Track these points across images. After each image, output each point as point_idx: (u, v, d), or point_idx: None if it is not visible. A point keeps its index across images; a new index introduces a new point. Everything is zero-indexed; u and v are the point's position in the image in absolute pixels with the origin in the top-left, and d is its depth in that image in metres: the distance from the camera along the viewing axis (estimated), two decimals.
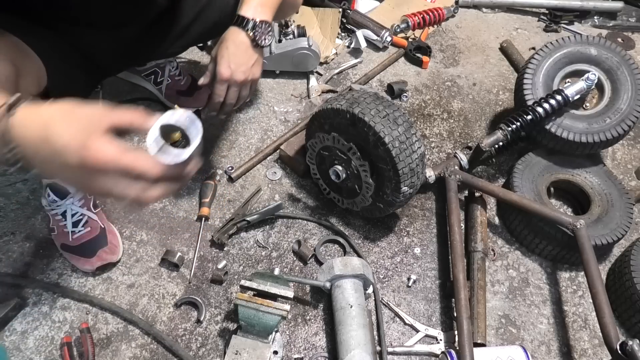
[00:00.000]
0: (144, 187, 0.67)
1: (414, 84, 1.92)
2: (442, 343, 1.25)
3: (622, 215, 1.41)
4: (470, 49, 2.11)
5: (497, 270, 1.42)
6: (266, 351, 1.15)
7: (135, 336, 1.22)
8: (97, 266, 1.29)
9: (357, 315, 1.17)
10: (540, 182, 1.49)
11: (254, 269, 1.36)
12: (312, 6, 2.07)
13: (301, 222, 1.47)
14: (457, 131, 1.78)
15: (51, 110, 0.65)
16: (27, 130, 0.64)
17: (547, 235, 1.38)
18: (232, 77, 1.19)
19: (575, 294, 1.39)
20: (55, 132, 0.63)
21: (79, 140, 0.63)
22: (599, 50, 1.53)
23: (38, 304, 1.26)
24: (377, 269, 1.39)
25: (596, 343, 1.30)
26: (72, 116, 0.65)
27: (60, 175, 0.69)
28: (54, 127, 0.63)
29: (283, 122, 1.73)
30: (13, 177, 1.49)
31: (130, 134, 0.68)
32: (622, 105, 1.48)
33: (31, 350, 1.19)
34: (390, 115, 1.24)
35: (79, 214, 1.30)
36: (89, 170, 0.64)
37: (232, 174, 1.54)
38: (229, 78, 1.19)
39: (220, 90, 1.21)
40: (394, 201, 1.31)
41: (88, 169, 0.64)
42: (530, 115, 1.45)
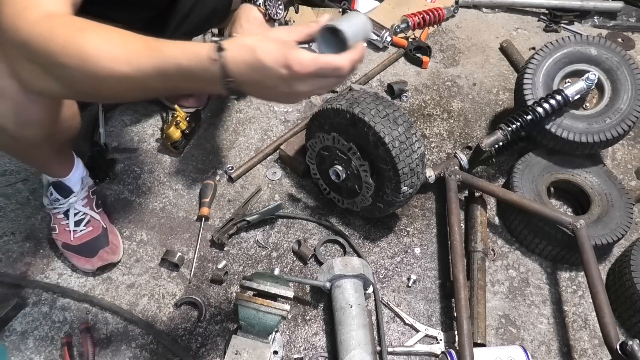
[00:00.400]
0: (337, 81, 0.82)
1: (414, 84, 1.92)
2: (442, 343, 1.25)
3: (622, 215, 1.41)
4: (470, 49, 2.11)
5: (497, 270, 1.42)
6: (266, 351, 1.15)
7: (135, 336, 1.22)
8: (97, 266, 1.29)
9: (357, 315, 1.17)
10: (540, 182, 1.49)
11: (254, 269, 1.36)
12: (312, 6, 2.07)
13: (301, 222, 1.47)
14: (457, 131, 1.78)
15: (249, 41, 0.75)
16: (238, 63, 0.74)
17: (547, 235, 1.38)
18: None
19: (575, 294, 1.39)
20: (261, 57, 0.73)
21: (281, 56, 0.73)
22: (599, 50, 1.53)
23: (38, 304, 1.26)
24: (377, 269, 1.39)
25: (596, 343, 1.30)
26: (267, 41, 0.75)
27: (270, 92, 0.79)
28: (259, 54, 0.74)
29: (283, 122, 1.73)
30: (13, 177, 1.49)
31: None
32: (622, 105, 1.48)
33: (31, 350, 1.19)
34: (390, 115, 1.24)
35: (81, 213, 1.30)
36: (295, 78, 0.75)
37: (232, 174, 1.54)
38: None
39: None
40: (394, 201, 1.31)
41: (294, 77, 0.74)
42: (530, 115, 1.45)
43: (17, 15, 0.76)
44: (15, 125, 0.95)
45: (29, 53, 0.78)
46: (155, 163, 1.57)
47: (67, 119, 1.04)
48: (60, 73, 0.79)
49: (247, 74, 0.75)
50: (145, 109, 1.70)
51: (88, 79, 0.78)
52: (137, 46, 0.77)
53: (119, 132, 1.64)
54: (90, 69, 0.76)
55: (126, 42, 0.77)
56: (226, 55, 0.74)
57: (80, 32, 0.76)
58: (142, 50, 0.76)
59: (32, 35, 0.75)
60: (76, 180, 1.28)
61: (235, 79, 0.76)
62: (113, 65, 0.75)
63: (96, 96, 0.89)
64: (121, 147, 1.59)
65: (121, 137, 1.63)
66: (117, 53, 0.75)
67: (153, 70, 0.76)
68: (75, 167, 1.28)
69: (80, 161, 1.31)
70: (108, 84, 0.79)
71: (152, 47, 0.77)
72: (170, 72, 0.76)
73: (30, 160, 1.23)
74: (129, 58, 0.75)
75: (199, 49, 0.75)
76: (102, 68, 0.75)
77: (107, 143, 1.57)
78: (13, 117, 0.93)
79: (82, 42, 0.75)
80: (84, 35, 0.76)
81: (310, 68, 0.74)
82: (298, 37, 0.78)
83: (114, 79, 0.77)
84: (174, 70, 0.76)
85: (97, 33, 0.76)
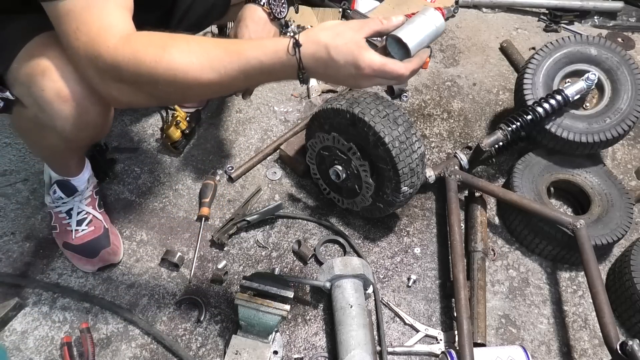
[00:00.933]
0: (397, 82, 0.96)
1: (414, 84, 1.92)
2: (442, 343, 1.25)
3: (622, 215, 1.41)
4: (470, 49, 2.11)
5: (497, 270, 1.42)
6: (266, 351, 1.15)
7: (135, 336, 1.22)
8: (98, 267, 1.29)
9: (357, 315, 1.17)
10: (540, 182, 1.49)
11: (254, 269, 1.36)
12: (312, 6, 2.07)
13: (301, 222, 1.47)
14: (457, 131, 1.78)
15: (324, 37, 0.82)
16: (314, 58, 0.83)
17: (547, 235, 1.38)
18: None
19: (575, 294, 1.39)
20: (334, 55, 0.82)
21: (352, 57, 0.81)
22: (599, 50, 1.53)
23: (38, 304, 1.26)
24: (377, 269, 1.39)
25: (596, 343, 1.30)
26: (340, 38, 0.82)
27: (337, 81, 0.88)
28: (332, 53, 0.81)
29: (283, 122, 1.73)
30: (13, 177, 1.49)
31: None
32: (622, 105, 1.48)
33: (31, 350, 1.19)
34: (390, 115, 1.24)
35: (84, 213, 1.30)
36: (362, 76, 0.84)
37: (232, 174, 1.54)
38: None
39: None
40: (394, 201, 1.31)
41: (361, 75, 0.83)
42: (530, 115, 1.45)
43: (94, 43, 0.81)
44: (74, 128, 0.98)
45: (117, 76, 0.84)
46: (155, 163, 1.57)
47: (108, 120, 1.06)
48: (151, 89, 0.86)
49: (320, 68, 0.84)
50: (145, 109, 1.70)
51: (178, 90, 0.86)
52: (217, 53, 0.83)
53: (119, 132, 1.64)
54: (181, 82, 0.83)
55: (208, 51, 0.83)
56: (303, 51, 0.82)
57: (163, 50, 0.82)
58: (223, 56, 0.83)
59: (118, 60, 0.81)
60: (84, 179, 1.28)
61: (308, 71, 0.84)
62: (201, 75, 0.82)
63: (183, 101, 0.96)
64: (121, 147, 1.59)
65: (121, 137, 1.63)
66: (202, 63, 0.82)
67: (238, 73, 0.83)
68: (85, 167, 1.29)
69: (88, 161, 1.32)
70: (196, 91, 0.88)
71: (232, 51, 0.83)
72: (253, 71, 0.83)
73: (54, 160, 1.23)
74: (213, 65, 0.83)
75: (277, 46, 0.83)
76: (191, 79, 0.83)
77: (107, 143, 1.57)
78: (74, 120, 0.96)
79: (168, 59, 0.81)
80: (169, 52, 0.82)
81: (377, 71, 0.82)
82: (368, 33, 0.84)
83: (203, 85, 0.84)
84: (257, 69, 0.83)
85: (178, 47, 0.83)
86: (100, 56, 0.82)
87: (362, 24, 0.85)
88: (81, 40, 0.82)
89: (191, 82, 0.83)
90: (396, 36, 0.85)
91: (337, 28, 0.84)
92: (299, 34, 0.83)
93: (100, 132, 1.08)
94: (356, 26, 0.84)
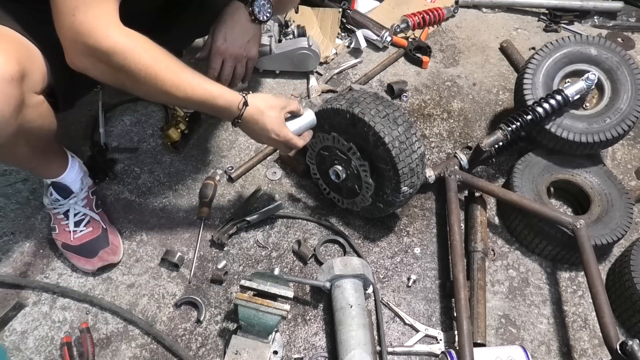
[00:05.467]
0: (288, 149, 1.24)
1: (414, 84, 1.92)
2: (442, 343, 1.25)
3: (622, 215, 1.41)
4: (470, 49, 2.11)
5: (497, 270, 1.42)
6: (266, 351, 1.15)
7: (135, 336, 1.22)
8: (98, 267, 1.29)
9: (357, 315, 1.17)
10: (540, 182, 1.49)
11: (254, 269, 1.36)
12: (312, 6, 2.07)
13: (301, 222, 1.47)
14: (457, 131, 1.78)
15: (262, 105, 1.12)
16: (251, 116, 1.11)
17: (547, 235, 1.38)
18: (227, 50, 1.24)
19: (575, 294, 1.39)
20: (266, 122, 1.12)
21: (277, 128, 1.14)
22: (599, 50, 1.53)
23: (38, 304, 1.26)
24: (377, 269, 1.39)
25: (596, 343, 1.30)
26: (273, 111, 1.13)
27: (256, 138, 1.19)
28: (265, 119, 1.12)
29: None
30: (13, 177, 1.49)
31: None
32: (622, 105, 1.48)
33: (31, 350, 1.18)
34: (390, 115, 1.24)
35: (81, 214, 1.29)
36: (276, 140, 1.16)
37: (232, 174, 1.54)
38: (223, 51, 1.23)
39: (215, 63, 1.26)
40: (394, 201, 1.31)
41: (276, 140, 1.16)
42: (530, 115, 1.45)
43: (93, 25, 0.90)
44: None
45: (104, 59, 0.93)
46: (155, 163, 1.57)
47: (34, 119, 1.02)
48: (129, 82, 0.98)
49: (252, 124, 1.13)
50: (145, 109, 1.71)
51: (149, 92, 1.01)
52: (188, 77, 1.02)
53: (119, 132, 1.64)
54: (156, 89, 0.99)
55: (183, 72, 1.01)
56: (247, 110, 1.10)
57: (155, 61, 0.97)
58: (193, 83, 1.03)
59: (115, 50, 0.92)
60: (72, 180, 1.27)
61: (242, 122, 1.12)
62: (173, 91, 1.01)
63: (137, 94, 1.06)
64: (121, 147, 1.59)
65: (121, 137, 1.63)
66: (178, 82, 1.00)
67: (197, 100, 1.04)
68: (69, 167, 1.26)
69: (77, 161, 1.30)
70: (158, 98, 1.06)
71: (199, 82, 1.04)
72: (207, 104, 1.06)
73: (11, 160, 1.20)
74: (184, 88, 1.01)
75: (231, 98, 1.08)
76: (164, 91, 1.00)
77: (107, 143, 1.57)
78: None
79: (157, 70, 0.97)
80: (158, 64, 0.98)
81: (288, 142, 1.16)
82: (287, 112, 1.17)
83: (168, 97, 1.02)
84: (210, 104, 1.06)
85: (165, 63, 0.99)
86: (98, 40, 0.91)
87: (286, 104, 1.16)
88: (78, 18, 0.89)
89: (162, 93, 1.00)
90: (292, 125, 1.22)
91: (272, 101, 1.14)
92: (248, 95, 1.10)
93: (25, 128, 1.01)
94: (282, 104, 1.15)
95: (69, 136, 1.57)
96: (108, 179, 1.50)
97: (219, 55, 1.25)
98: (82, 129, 1.61)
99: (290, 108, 1.17)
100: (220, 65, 1.27)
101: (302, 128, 1.22)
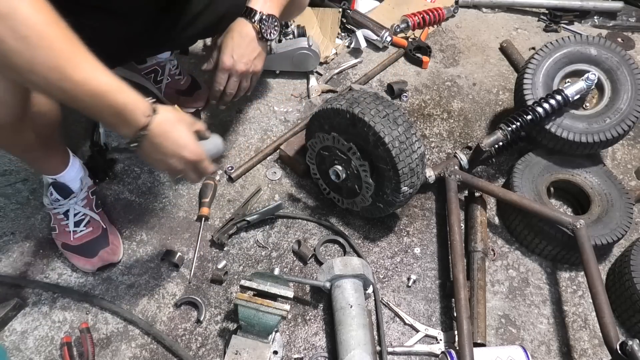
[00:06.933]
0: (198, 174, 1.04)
1: (414, 84, 1.92)
2: (442, 343, 1.25)
3: (622, 215, 1.41)
4: (470, 49, 2.11)
5: (497, 270, 1.42)
6: (266, 351, 1.15)
7: (135, 336, 1.22)
8: (97, 266, 1.29)
9: (357, 315, 1.17)
10: (540, 182, 1.49)
11: (254, 269, 1.36)
12: (312, 6, 2.07)
13: (301, 222, 1.47)
14: (457, 131, 1.78)
15: (173, 118, 0.95)
16: (160, 126, 0.91)
17: (547, 235, 1.38)
18: (234, 67, 1.22)
19: (575, 294, 1.39)
20: (181, 134, 0.95)
21: (193, 143, 0.97)
22: (599, 50, 1.53)
23: (38, 304, 1.26)
24: (377, 269, 1.39)
25: (596, 343, 1.30)
26: (184, 123, 0.97)
27: (157, 157, 0.96)
28: (179, 130, 0.95)
29: (283, 122, 1.73)
30: (13, 177, 1.49)
31: None
32: (622, 105, 1.48)
33: (31, 350, 1.19)
34: (390, 115, 1.24)
35: (81, 214, 1.30)
36: (189, 161, 0.98)
37: (232, 174, 1.54)
38: (230, 67, 1.22)
39: (221, 78, 1.25)
40: (394, 201, 1.31)
41: (190, 160, 0.98)
42: (530, 115, 1.45)
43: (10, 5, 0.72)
44: None
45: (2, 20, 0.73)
46: None
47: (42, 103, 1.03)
48: (11, 41, 0.74)
49: (161, 138, 0.92)
50: None
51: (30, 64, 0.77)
52: (89, 60, 0.82)
53: None
54: (48, 59, 0.77)
55: (85, 52, 0.81)
56: (156, 118, 0.91)
57: (55, 26, 0.77)
58: (95, 67, 0.82)
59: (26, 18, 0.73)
60: (72, 178, 1.27)
61: (148, 134, 0.91)
62: (68, 69, 0.79)
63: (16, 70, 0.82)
64: (121, 147, 1.59)
65: (121, 137, 1.62)
66: (77, 59, 0.80)
67: (94, 88, 0.82)
68: (70, 165, 1.27)
69: (77, 160, 1.30)
70: (45, 76, 0.79)
71: (102, 70, 0.83)
72: (106, 98, 0.84)
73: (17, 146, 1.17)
74: (82, 68, 0.80)
75: (138, 99, 0.88)
76: (57, 66, 0.78)
77: (107, 143, 1.57)
78: None
79: (53, 36, 0.77)
80: (57, 30, 0.78)
81: (197, 160, 0.99)
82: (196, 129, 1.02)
83: (60, 76, 0.79)
84: (110, 98, 0.84)
85: (67, 34, 0.79)
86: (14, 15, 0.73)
87: (193, 121, 1.01)
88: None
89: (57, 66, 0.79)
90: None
91: (181, 114, 0.99)
92: (159, 106, 0.93)
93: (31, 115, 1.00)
94: (190, 120, 1.01)
95: (69, 136, 1.57)
96: (108, 179, 1.50)
97: (225, 71, 1.24)
98: (82, 129, 1.61)
99: (197, 127, 1.02)
100: (225, 81, 1.26)
101: (210, 152, 1.06)
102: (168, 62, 1.64)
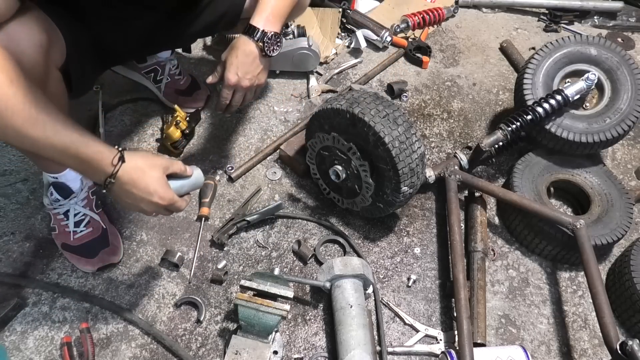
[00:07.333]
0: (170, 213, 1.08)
1: (414, 84, 1.92)
2: (442, 343, 1.25)
3: (622, 215, 1.41)
4: (470, 49, 2.11)
5: (497, 270, 1.42)
6: (266, 351, 1.15)
7: (135, 336, 1.22)
8: (98, 267, 1.29)
9: (357, 315, 1.17)
10: (540, 182, 1.49)
11: (254, 269, 1.36)
12: (312, 6, 2.07)
13: (301, 222, 1.47)
14: (457, 131, 1.78)
15: (141, 164, 0.96)
16: (129, 175, 0.95)
17: (547, 235, 1.38)
18: (239, 83, 1.24)
19: (575, 294, 1.39)
20: (149, 181, 0.97)
21: (162, 189, 0.99)
22: (599, 50, 1.53)
23: (38, 304, 1.26)
24: (377, 269, 1.39)
25: (596, 343, 1.30)
26: (155, 170, 0.98)
27: (129, 201, 0.99)
28: (147, 177, 0.97)
29: (283, 122, 1.73)
30: (13, 177, 1.49)
31: None
32: (622, 105, 1.48)
33: (31, 350, 1.19)
34: (390, 115, 1.24)
35: (81, 214, 1.30)
36: (159, 205, 1.00)
37: (232, 174, 1.54)
38: (235, 84, 1.24)
39: (226, 94, 1.28)
40: (394, 201, 1.31)
41: (161, 205, 1.00)
42: (530, 115, 1.45)
43: None
44: None
45: None
46: None
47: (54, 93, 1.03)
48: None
49: (129, 186, 0.96)
50: (145, 109, 1.71)
51: None
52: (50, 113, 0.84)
53: (119, 132, 1.63)
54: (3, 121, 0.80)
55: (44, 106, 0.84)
56: (123, 167, 0.94)
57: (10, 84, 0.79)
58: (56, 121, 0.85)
59: None
60: (73, 178, 1.27)
61: (116, 182, 0.95)
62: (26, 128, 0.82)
63: None
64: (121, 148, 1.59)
65: (121, 137, 1.62)
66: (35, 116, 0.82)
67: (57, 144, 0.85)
68: None
69: None
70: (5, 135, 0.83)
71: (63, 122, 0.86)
72: (70, 151, 0.87)
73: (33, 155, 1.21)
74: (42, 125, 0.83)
75: (103, 149, 0.92)
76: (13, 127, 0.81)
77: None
78: None
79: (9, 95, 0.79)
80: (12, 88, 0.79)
81: (169, 205, 1.01)
82: (171, 171, 1.03)
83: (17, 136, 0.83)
84: (74, 151, 0.88)
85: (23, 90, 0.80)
86: None
87: (169, 164, 1.02)
88: None
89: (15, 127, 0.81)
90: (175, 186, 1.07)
91: (153, 159, 1.00)
92: (125, 151, 0.94)
93: None
94: (165, 164, 1.01)
95: None
96: None
97: (230, 88, 1.26)
98: None
99: (174, 169, 1.03)
100: (231, 96, 1.28)
101: (185, 188, 1.08)
102: (168, 62, 1.64)
